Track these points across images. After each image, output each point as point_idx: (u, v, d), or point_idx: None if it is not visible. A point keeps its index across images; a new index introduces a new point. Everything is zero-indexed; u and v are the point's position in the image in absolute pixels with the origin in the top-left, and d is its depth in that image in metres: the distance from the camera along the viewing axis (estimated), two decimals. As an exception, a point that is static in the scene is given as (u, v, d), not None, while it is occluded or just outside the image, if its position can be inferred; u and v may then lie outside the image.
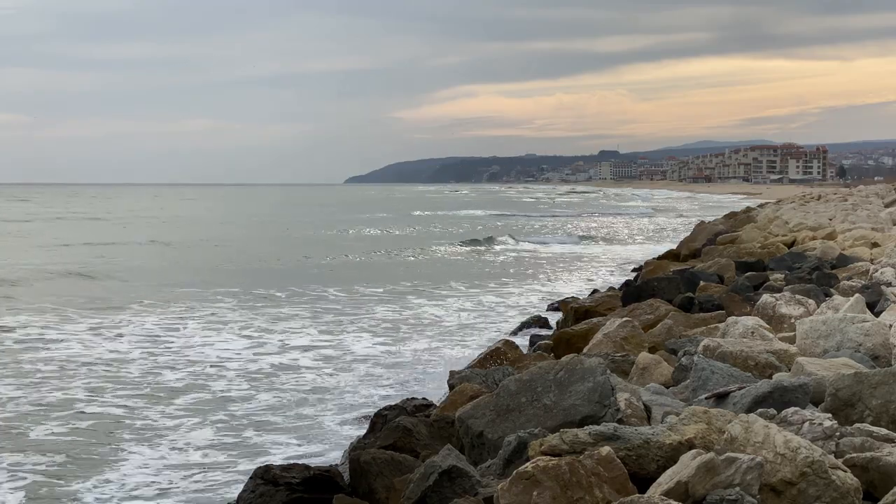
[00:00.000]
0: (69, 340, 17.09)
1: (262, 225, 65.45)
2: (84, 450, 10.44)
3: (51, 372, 14.31)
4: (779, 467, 5.15)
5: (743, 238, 26.73)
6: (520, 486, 5.23)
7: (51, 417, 11.74)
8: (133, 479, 9.46)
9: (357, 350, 16.52)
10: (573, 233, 55.90)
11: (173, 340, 17.26)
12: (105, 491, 9.13)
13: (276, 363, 15.35)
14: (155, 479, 9.49)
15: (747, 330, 9.09)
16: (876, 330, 8.25)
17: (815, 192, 67.21)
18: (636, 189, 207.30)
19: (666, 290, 14.68)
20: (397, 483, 6.92)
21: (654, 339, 10.96)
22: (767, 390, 6.42)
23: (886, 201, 40.53)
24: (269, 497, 7.32)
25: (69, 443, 10.71)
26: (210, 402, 12.72)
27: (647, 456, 5.69)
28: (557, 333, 13.63)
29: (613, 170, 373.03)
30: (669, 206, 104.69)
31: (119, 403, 12.54)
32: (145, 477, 9.54)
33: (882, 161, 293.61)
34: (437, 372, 14.32)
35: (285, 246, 43.03)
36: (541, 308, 21.22)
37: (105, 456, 10.22)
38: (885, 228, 24.21)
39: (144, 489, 9.21)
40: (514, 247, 44.13)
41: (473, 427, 7.04)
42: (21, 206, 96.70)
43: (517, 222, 71.32)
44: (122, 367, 14.83)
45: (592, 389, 6.71)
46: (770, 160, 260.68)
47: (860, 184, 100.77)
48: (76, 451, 10.39)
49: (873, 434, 5.72)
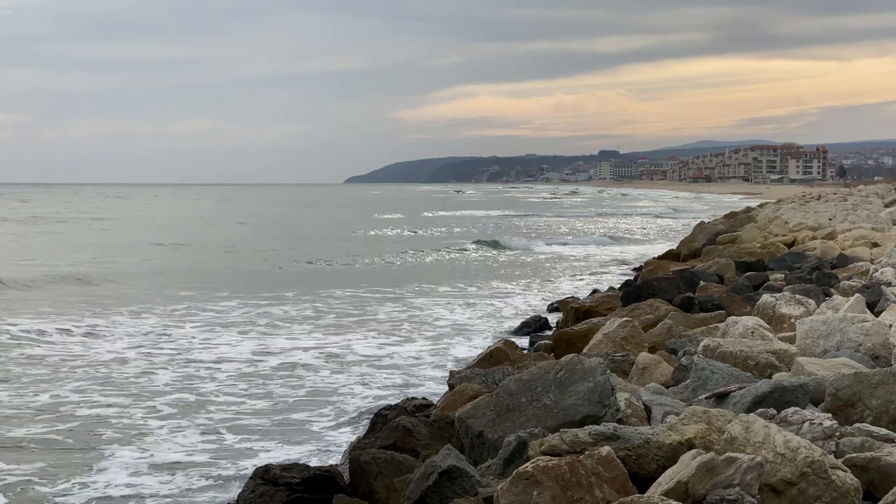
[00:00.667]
0: (66, 342, 17.06)
1: (275, 226, 64.27)
2: (67, 452, 10.36)
3: (42, 374, 14.23)
4: (779, 467, 5.15)
5: (743, 238, 26.74)
6: (520, 486, 5.23)
7: (36, 420, 11.65)
8: (122, 482, 9.44)
9: (358, 350, 16.51)
10: (601, 233, 54.23)
11: (173, 342, 17.23)
12: (90, 493, 9.08)
13: (277, 363, 15.33)
14: (138, 481, 9.43)
15: (747, 330, 9.09)
16: (876, 330, 8.25)
17: (815, 192, 67.19)
18: (641, 189, 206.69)
19: (666, 290, 14.69)
20: (397, 483, 6.92)
21: (654, 339, 10.96)
22: (767, 390, 6.43)
23: (886, 201, 40.54)
24: (269, 497, 7.32)
25: (54, 443, 10.65)
26: (210, 401, 12.71)
27: (647, 456, 5.69)
28: (557, 333, 13.64)
29: (613, 170, 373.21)
30: (685, 207, 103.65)
31: (109, 403, 12.47)
32: (136, 478, 9.53)
33: (882, 161, 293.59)
34: (437, 372, 14.33)
35: (311, 248, 41.39)
36: (541, 308, 21.24)
37: (88, 457, 10.13)
38: (885, 228, 24.23)
39: (140, 489, 9.20)
40: (551, 249, 41.99)
41: (473, 427, 7.05)
42: (26, 207, 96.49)
43: (537, 222, 70.36)
44: (116, 368, 14.79)
45: (592, 389, 6.71)
46: (770, 160, 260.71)
47: (860, 184, 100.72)
48: (59, 453, 10.31)
49: (873, 434, 5.72)
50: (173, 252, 40.01)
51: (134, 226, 63.10)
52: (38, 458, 10.12)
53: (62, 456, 10.23)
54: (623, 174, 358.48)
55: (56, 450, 10.46)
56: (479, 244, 43.54)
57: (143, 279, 28.24)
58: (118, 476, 9.53)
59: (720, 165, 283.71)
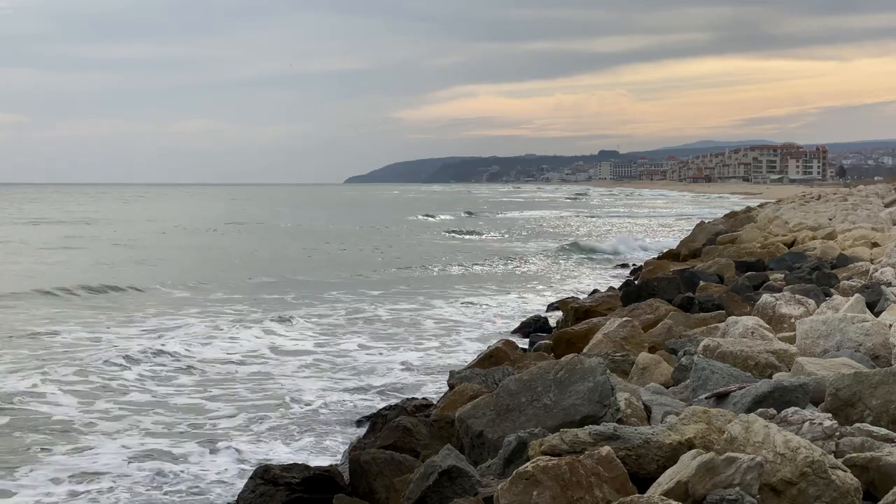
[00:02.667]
0: (64, 343, 17.07)
1: (303, 233, 57.12)
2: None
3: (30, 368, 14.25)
4: (779, 467, 5.15)
5: (743, 238, 26.73)
6: (520, 486, 5.23)
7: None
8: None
9: (358, 349, 16.51)
10: (637, 235, 50.49)
11: (186, 343, 17.23)
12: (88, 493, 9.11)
13: (277, 364, 15.34)
14: (139, 481, 9.45)
15: (747, 330, 9.09)
16: (876, 330, 8.25)
17: (815, 192, 67.17)
18: (651, 189, 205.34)
19: (666, 290, 14.68)
20: (397, 483, 6.92)
21: (654, 339, 10.96)
22: (767, 390, 6.42)
23: (886, 201, 40.53)
24: (269, 497, 7.32)
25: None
26: (209, 402, 12.71)
27: (647, 456, 5.69)
28: (557, 333, 13.63)
29: (613, 170, 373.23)
30: (719, 204, 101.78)
31: (104, 405, 12.54)
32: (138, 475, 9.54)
33: (882, 161, 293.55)
34: (437, 372, 14.33)
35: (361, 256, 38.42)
36: (541, 308, 21.24)
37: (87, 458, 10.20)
38: (885, 228, 24.22)
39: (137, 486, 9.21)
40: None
41: (473, 427, 7.04)
42: (35, 207, 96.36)
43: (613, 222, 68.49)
44: (114, 370, 14.81)
45: (592, 389, 6.71)
46: (770, 160, 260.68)
47: (860, 184, 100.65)
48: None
49: (873, 434, 5.72)
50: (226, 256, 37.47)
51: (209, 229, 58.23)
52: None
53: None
54: (623, 174, 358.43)
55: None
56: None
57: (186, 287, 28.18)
58: (119, 475, 9.55)
59: (720, 165, 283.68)
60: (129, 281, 26.19)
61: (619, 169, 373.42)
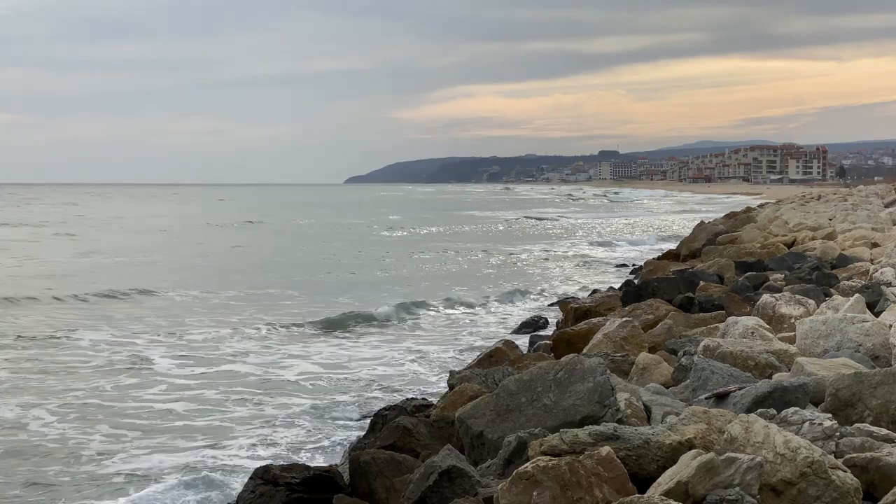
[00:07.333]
0: (63, 344, 17.08)
1: (315, 235, 54.42)
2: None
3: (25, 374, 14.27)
4: (779, 467, 5.15)
5: (743, 238, 26.73)
6: (520, 486, 5.23)
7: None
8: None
9: (358, 350, 16.51)
10: (654, 233, 50.87)
11: (194, 346, 17.24)
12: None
13: (277, 364, 15.34)
14: (138, 480, 9.48)
15: (747, 330, 9.09)
16: (876, 330, 8.25)
17: (815, 192, 67.24)
18: (652, 189, 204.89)
19: (666, 290, 14.68)
20: (397, 483, 6.92)
21: (654, 339, 10.96)
22: (767, 390, 6.42)
23: (886, 201, 40.56)
24: (269, 497, 7.31)
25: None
26: (207, 401, 12.71)
27: (647, 456, 5.68)
28: (557, 333, 13.63)
29: (613, 170, 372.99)
30: (723, 201, 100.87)
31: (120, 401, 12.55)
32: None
33: (882, 161, 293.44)
34: (437, 372, 14.33)
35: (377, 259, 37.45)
36: (541, 308, 21.23)
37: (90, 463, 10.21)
38: (885, 228, 24.23)
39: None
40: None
41: (473, 427, 7.04)
42: (37, 207, 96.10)
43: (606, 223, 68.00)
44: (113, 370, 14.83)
45: (592, 389, 6.71)
46: (770, 160, 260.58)
47: (860, 184, 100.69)
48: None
49: (873, 434, 5.72)
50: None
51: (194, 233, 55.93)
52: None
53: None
54: (623, 174, 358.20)
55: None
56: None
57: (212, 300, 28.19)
58: (118, 476, 9.55)
59: (720, 165, 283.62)
60: (130, 283, 26.13)
61: (619, 169, 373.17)
